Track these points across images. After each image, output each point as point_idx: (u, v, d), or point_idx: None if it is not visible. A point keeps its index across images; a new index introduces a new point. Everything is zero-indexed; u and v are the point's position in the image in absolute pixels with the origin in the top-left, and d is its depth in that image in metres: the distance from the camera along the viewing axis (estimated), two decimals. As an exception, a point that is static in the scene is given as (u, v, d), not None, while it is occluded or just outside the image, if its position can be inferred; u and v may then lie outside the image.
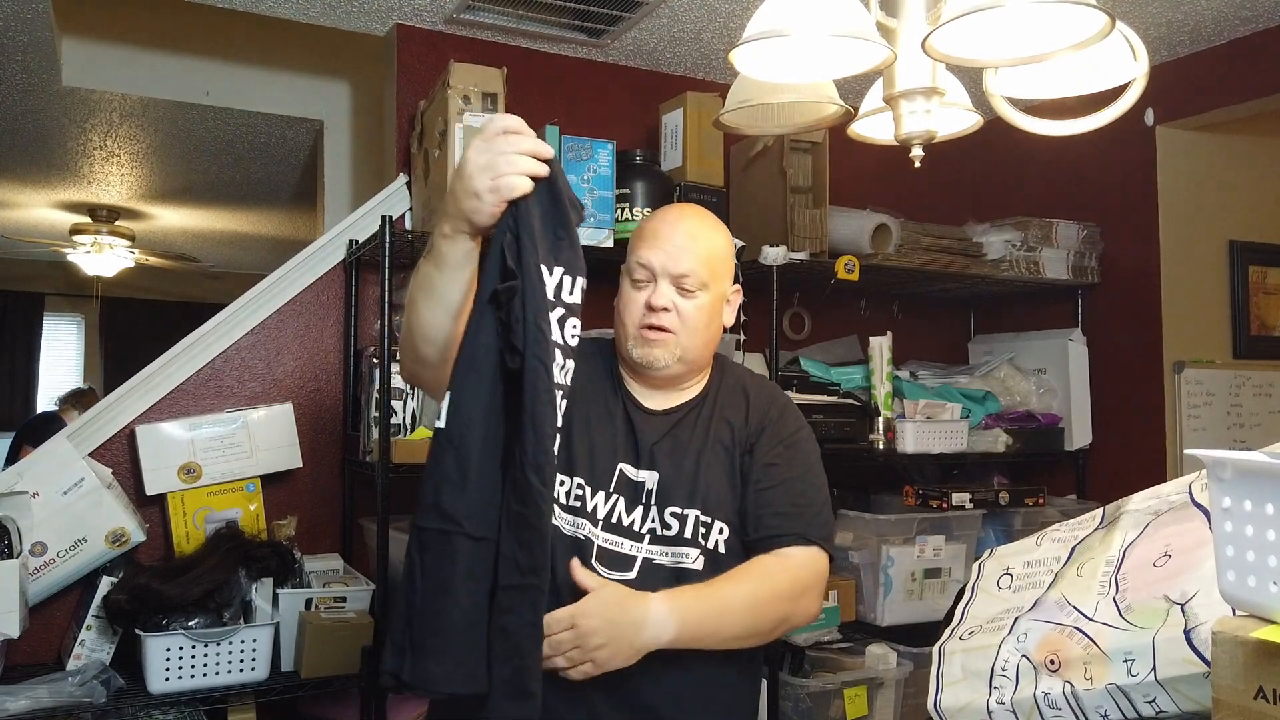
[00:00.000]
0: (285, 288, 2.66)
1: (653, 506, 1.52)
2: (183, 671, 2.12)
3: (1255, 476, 0.81)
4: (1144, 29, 2.70)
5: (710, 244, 1.56)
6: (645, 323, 1.52)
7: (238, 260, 7.17)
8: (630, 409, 1.58)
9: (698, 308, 1.53)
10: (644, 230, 1.58)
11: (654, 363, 1.53)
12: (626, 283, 1.56)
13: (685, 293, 1.52)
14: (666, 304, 1.51)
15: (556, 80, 2.93)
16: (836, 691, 2.60)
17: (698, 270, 1.53)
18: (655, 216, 1.60)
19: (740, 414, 1.60)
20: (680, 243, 1.53)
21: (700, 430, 1.57)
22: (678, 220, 1.56)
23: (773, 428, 1.60)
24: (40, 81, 3.29)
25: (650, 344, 1.52)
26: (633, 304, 1.54)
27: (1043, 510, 2.95)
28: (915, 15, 1.34)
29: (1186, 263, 3.01)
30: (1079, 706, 1.12)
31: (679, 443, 1.56)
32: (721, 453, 1.57)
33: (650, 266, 1.52)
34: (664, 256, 1.52)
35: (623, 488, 1.52)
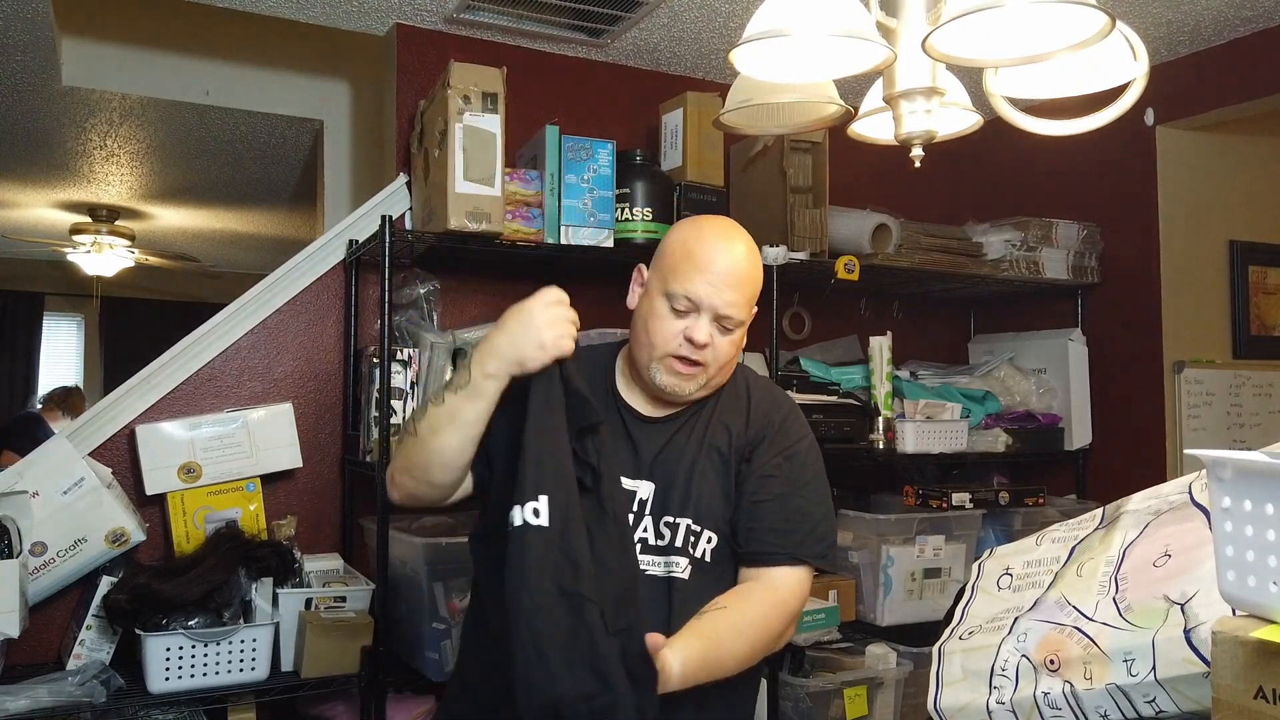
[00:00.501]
0: (285, 288, 2.66)
1: (646, 516, 1.51)
2: (183, 671, 2.12)
3: (1255, 476, 0.81)
4: (1144, 29, 2.70)
5: (755, 279, 1.54)
6: (680, 354, 1.49)
7: (238, 260, 7.17)
8: (628, 420, 1.56)
9: (732, 343, 1.52)
10: (694, 254, 1.49)
11: (680, 393, 1.52)
12: (663, 304, 1.50)
13: (725, 330, 1.51)
14: (708, 340, 1.49)
15: (556, 80, 2.93)
16: (836, 691, 2.60)
17: (742, 310, 1.51)
18: (706, 241, 1.51)
19: (740, 419, 1.57)
20: (732, 282, 1.49)
21: (696, 436, 1.55)
22: (728, 251, 1.50)
23: (774, 437, 1.57)
24: (40, 81, 3.29)
25: (681, 376, 1.51)
26: (668, 330, 1.49)
27: (1042, 510, 2.95)
28: (915, 15, 1.34)
29: (1186, 263, 3.01)
30: (1079, 706, 1.12)
31: (675, 450, 1.54)
32: (716, 459, 1.54)
33: (698, 301, 1.48)
34: (713, 293, 1.47)
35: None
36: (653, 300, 1.51)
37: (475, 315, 2.77)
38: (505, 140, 2.33)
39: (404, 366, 2.35)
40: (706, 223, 1.57)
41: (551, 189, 2.49)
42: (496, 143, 2.31)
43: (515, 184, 2.44)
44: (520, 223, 2.44)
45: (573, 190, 2.49)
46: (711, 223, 1.57)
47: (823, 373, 2.91)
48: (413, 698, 2.42)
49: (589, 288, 2.83)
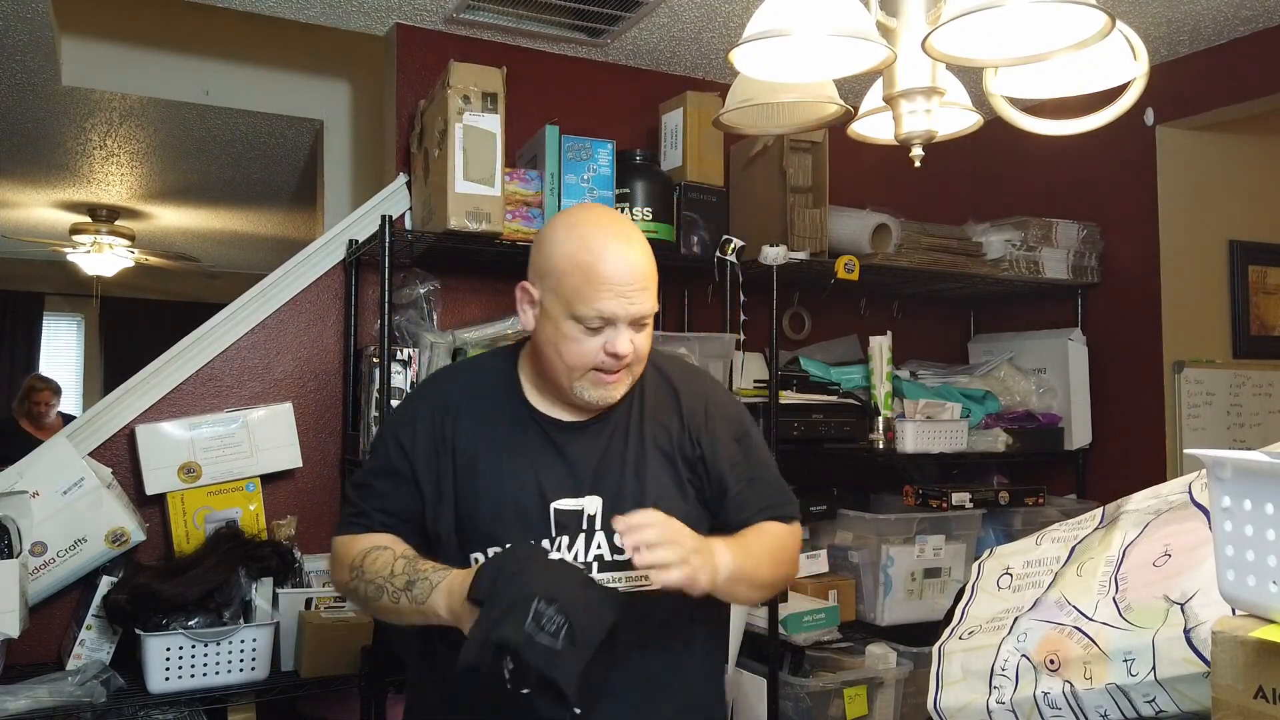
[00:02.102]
0: (285, 287, 2.66)
1: (598, 532, 1.46)
2: (182, 671, 2.12)
3: (1255, 476, 0.81)
4: (1144, 29, 2.70)
5: (654, 265, 1.46)
6: (604, 367, 1.43)
7: (238, 260, 7.16)
8: (552, 433, 1.49)
9: (648, 334, 1.47)
10: (594, 271, 1.39)
11: (609, 400, 1.47)
12: (573, 326, 1.41)
13: (640, 327, 1.44)
14: (630, 348, 1.42)
15: (556, 80, 2.92)
16: (836, 691, 2.60)
17: (653, 301, 1.45)
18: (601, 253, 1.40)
19: (674, 415, 1.54)
20: (640, 284, 1.41)
21: (635, 439, 1.51)
22: (626, 255, 1.41)
23: (717, 427, 1.55)
24: (40, 81, 3.29)
25: (608, 386, 1.45)
26: (585, 350, 1.41)
27: (1042, 510, 2.95)
28: (915, 15, 1.34)
29: (1186, 263, 3.01)
30: (1079, 706, 1.12)
31: (614, 459, 1.49)
32: (663, 460, 1.52)
33: (612, 317, 1.40)
34: (626, 305, 1.40)
35: (562, 526, 1.45)
36: (559, 323, 1.42)
37: (475, 315, 2.77)
38: (505, 140, 2.33)
39: (404, 366, 2.35)
40: (590, 226, 1.44)
41: (551, 189, 2.49)
42: (496, 143, 2.31)
43: (515, 184, 2.45)
44: (520, 222, 2.44)
45: (573, 190, 2.49)
46: (596, 226, 1.44)
47: (823, 372, 2.91)
48: (413, 698, 2.42)
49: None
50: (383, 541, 1.49)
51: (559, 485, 1.47)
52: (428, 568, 1.40)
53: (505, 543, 1.44)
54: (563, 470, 1.48)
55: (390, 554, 1.45)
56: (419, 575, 1.38)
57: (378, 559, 1.44)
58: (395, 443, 1.53)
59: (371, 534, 1.51)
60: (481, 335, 2.46)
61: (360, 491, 1.56)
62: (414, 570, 1.40)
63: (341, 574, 1.51)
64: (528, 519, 1.45)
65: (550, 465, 1.48)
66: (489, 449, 1.49)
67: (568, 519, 1.46)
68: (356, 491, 1.57)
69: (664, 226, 2.61)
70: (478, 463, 1.48)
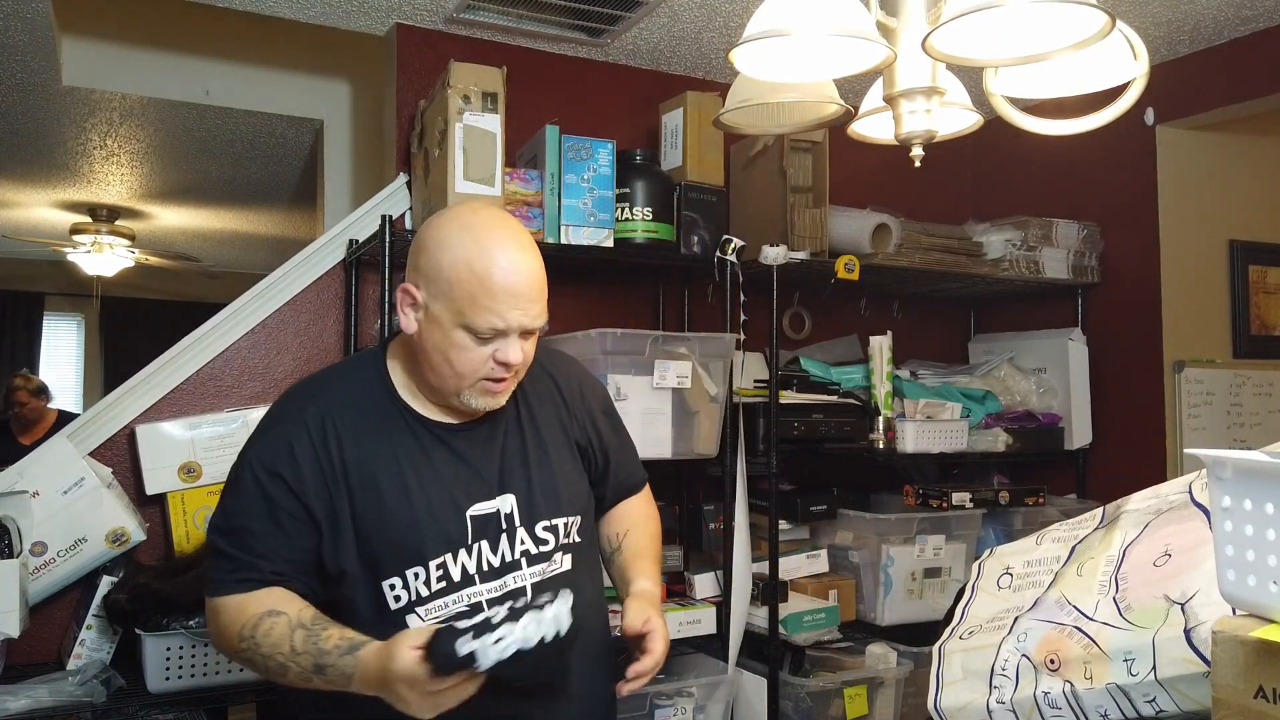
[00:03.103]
0: (285, 287, 2.66)
1: (518, 529, 1.45)
2: (183, 671, 2.12)
3: (1255, 476, 0.81)
4: (1144, 29, 2.70)
5: (544, 276, 1.42)
6: (494, 376, 1.40)
7: (238, 260, 7.17)
8: (449, 440, 1.45)
9: (535, 340, 1.46)
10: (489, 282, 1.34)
11: (494, 406, 1.45)
12: (463, 336, 1.36)
13: (530, 335, 1.43)
14: (520, 358, 1.40)
15: (556, 80, 2.92)
16: (836, 691, 2.60)
17: (545, 313, 1.43)
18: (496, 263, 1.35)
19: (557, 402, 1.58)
20: (533, 294, 1.38)
21: (530, 432, 1.52)
22: (519, 265, 1.37)
23: (584, 401, 1.62)
24: (40, 81, 3.29)
25: (496, 394, 1.43)
26: (476, 359, 1.38)
27: (1043, 510, 2.95)
28: (915, 15, 1.34)
29: (1186, 262, 3.01)
30: (1079, 706, 1.12)
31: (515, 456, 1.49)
32: (562, 447, 1.55)
33: (506, 328, 1.37)
34: (520, 316, 1.37)
35: (480, 530, 1.43)
36: (447, 332, 1.37)
37: (475, 315, 2.76)
38: (505, 140, 2.33)
39: (404, 366, 2.35)
40: (482, 231, 1.38)
41: (551, 189, 2.49)
42: (496, 142, 2.31)
43: (515, 184, 2.45)
44: (521, 222, 2.43)
45: (573, 190, 2.49)
46: (488, 231, 1.38)
47: (823, 372, 2.91)
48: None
49: (589, 287, 2.85)
50: (273, 602, 1.34)
51: (470, 491, 1.44)
52: (332, 647, 1.29)
53: (426, 562, 1.39)
54: (468, 474, 1.44)
55: (285, 622, 1.31)
56: (326, 660, 1.28)
57: (272, 630, 1.31)
58: (272, 476, 1.37)
59: (256, 593, 1.35)
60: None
61: (234, 540, 1.38)
62: (318, 649, 1.29)
63: (228, 642, 1.37)
64: (445, 532, 1.40)
65: (455, 472, 1.44)
66: (386, 465, 1.40)
67: (484, 523, 1.43)
68: (228, 540, 1.38)
69: (664, 226, 2.61)
70: (379, 482, 1.39)
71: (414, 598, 1.39)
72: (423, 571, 1.39)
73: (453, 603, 1.41)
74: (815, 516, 2.82)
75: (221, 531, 1.40)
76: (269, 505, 1.37)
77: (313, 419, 1.40)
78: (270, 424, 1.45)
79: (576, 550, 1.54)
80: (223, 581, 1.38)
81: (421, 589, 1.39)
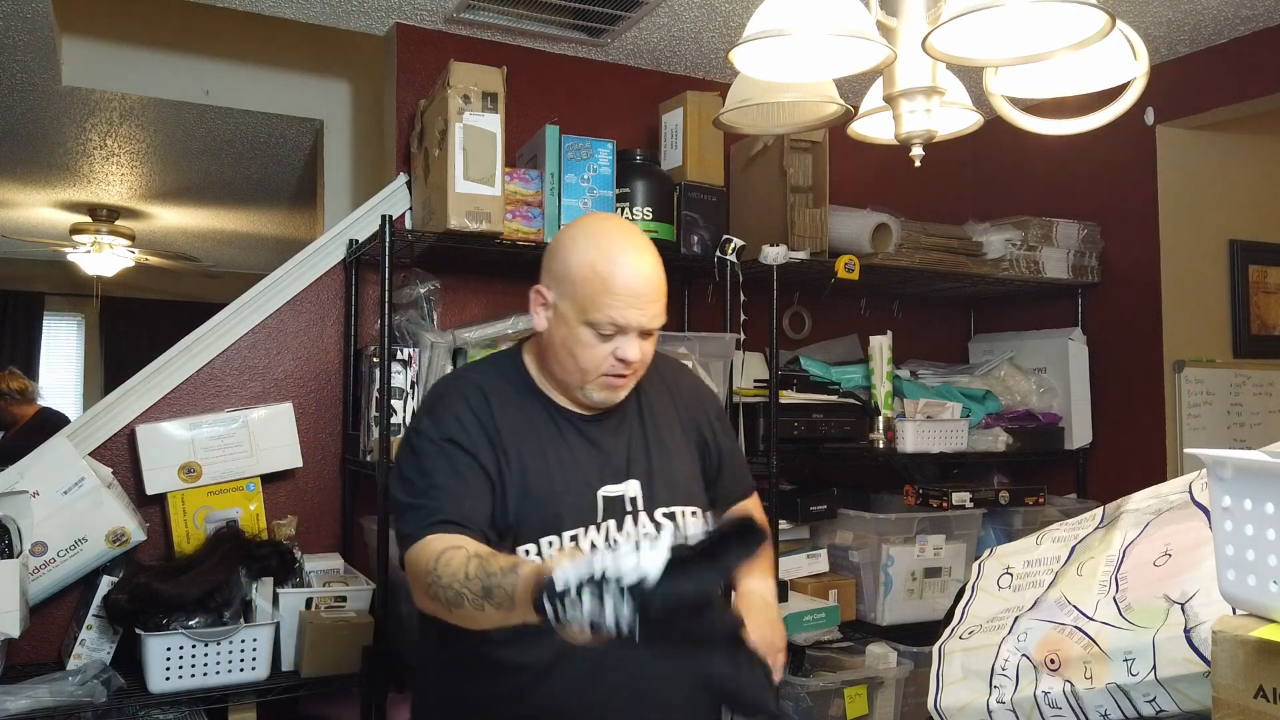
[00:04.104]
0: (285, 287, 2.66)
1: (640, 513, 1.55)
2: (183, 671, 2.12)
3: (1255, 475, 0.81)
4: (1144, 28, 2.70)
5: (664, 281, 1.53)
6: (614, 372, 1.51)
7: (238, 260, 7.17)
8: (582, 427, 1.57)
9: (654, 341, 1.56)
10: (610, 281, 1.46)
11: (614, 401, 1.57)
12: (587, 332, 1.48)
13: (649, 336, 1.53)
14: (639, 355, 1.51)
15: (556, 80, 2.92)
16: (837, 691, 2.60)
17: (663, 314, 1.53)
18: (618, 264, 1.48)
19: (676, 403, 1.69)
20: (652, 295, 1.49)
21: (651, 427, 1.62)
22: (640, 268, 1.49)
23: (704, 405, 1.74)
24: (40, 81, 3.29)
25: (615, 389, 1.54)
26: (597, 355, 1.49)
27: (1043, 509, 2.95)
28: (915, 14, 1.34)
29: (1186, 262, 3.01)
30: (1079, 706, 1.12)
31: (638, 445, 1.59)
32: (682, 440, 1.66)
33: (625, 325, 1.48)
34: (639, 315, 1.48)
35: (609, 510, 1.53)
36: (572, 328, 1.49)
37: (475, 315, 2.77)
38: (505, 140, 2.33)
39: (404, 366, 2.35)
40: (608, 237, 1.51)
41: (551, 189, 2.49)
42: (496, 142, 2.31)
43: (515, 184, 2.45)
44: (520, 222, 2.44)
45: (573, 190, 2.49)
46: (613, 237, 1.51)
47: (823, 372, 2.91)
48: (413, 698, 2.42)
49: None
50: (455, 540, 1.40)
51: (601, 473, 1.55)
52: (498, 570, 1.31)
53: (560, 533, 1.49)
54: (600, 458, 1.56)
55: (463, 553, 1.36)
56: (492, 581, 1.29)
57: (451, 560, 1.36)
58: (446, 441, 1.49)
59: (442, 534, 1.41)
60: (482, 335, 2.46)
61: (419, 495, 1.47)
62: (485, 572, 1.31)
63: (418, 584, 1.42)
64: (580, 508, 1.51)
65: (589, 455, 1.56)
66: (531, 441, 1.53)
67: (612, 504, 1.54)
68: (414, 497, 1.48)
69: (664, 226, 2.61)
70: (524, 456, 1.51)
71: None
72: (557, 541, 1.49)
73: None
74: (815, 516, 2.82)
75: (409, 494, 1.49)
76: (449, 461, 1.49)
77: (472, 394, 1.55)
78: (433, 403, 1.58)
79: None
80: (412, 532, 1.45)
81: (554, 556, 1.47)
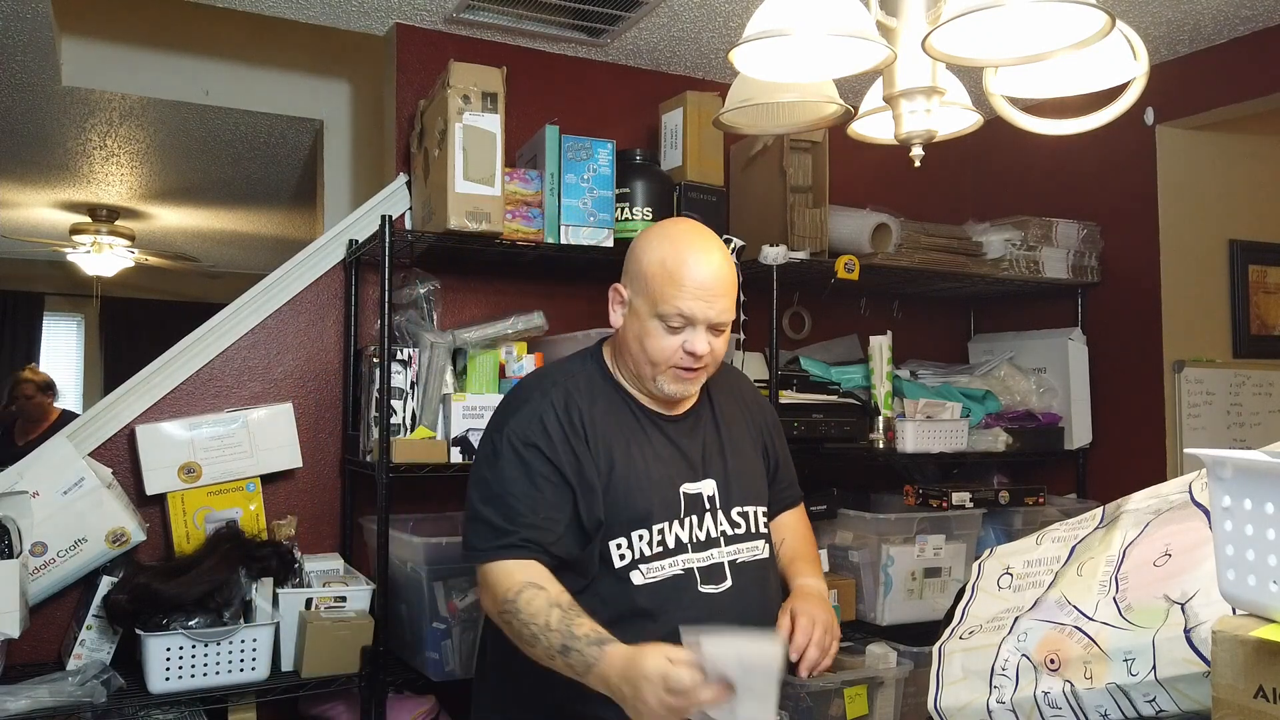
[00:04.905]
0: (285, 287, 2.66)
1: (718, 511, 1.64)
2: (183, 671, 2.12)
3: (1255, 475, 0.81)
4: (1144, 28, 2.70)
5: (735, 279, 1.62)
6: (683, 365, 1.58)
7: (238, 260, 7.16)
8: (663, 426, 1.66)
9: (724, 340, 1.62)
10: (677, 275, 1.55)
11: (686, 394, 1.65)
12: (656, 325, 1.57)
13: (717, 333, 1.59)
14: (707, 349, 1.58)
15: (556, 80, 2.92)
16: (836, 691, 2.60)
17: (731, 311, 1.60)
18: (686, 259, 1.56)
19: (738, 405, 1.78)
20: (719, 290, 1.57)
21: (725, 430, 1.71)
22: (708, 264, 1.56)
23: (764, 413, 1.84)
24: (40, 81, 3.29)
25: (686, 382, 1.61)
26: (667, 347, 1.57)
27: (1043, 509, 2.95)
28: (915, 15, 1.34)
29: (1186, 262, 3.01)
30: (1079, 706, 1.12)
31: (713, 446, 1.68)
32: (749, 445, 1.74)
33: (691, 318, 1.56)
34: (705, 308, 1.55)
35: (690, 506, 1.62)
36: (644, 321, 1.58)
37: (475, 315, 2.77)
38: (505, 140, 2.33)
39: (404, 366, 2.35)
40: (679, 236, 1.60)
41: (551, 189, 2.49)
42: (496, 142, 2.31)
43: (515, 184, 2.44)
44: (520, 222, 2.44)
45: (572, 190, 2.49)
46: (684, 236, 1.60)
47: (823, 372, 2.91)
48: (413, 698, 2.42)
49: (589, 287, 2.85)
50: (535, 576, 1.50)
51: (681, 471, 1.64)
52: (583, 635, 1.42)
53: (650, 526, 1.57)
54: (679, 457, 1.64)
55: (545, 597, 1.47)
56: (575, 644, 1.41)
57: (533, 600, 1.47)
58: (528, 447, 1.56)
59: (524, 563, 1.51)
60: (482, 335, 2.46)
61: (496, 507, 1.55)
62: (569, 632, 1.42)
63: (493, 604, 1.54)
64: (667, 502, 1.59)
65: (670, 453, 1.64)
66: (619, 439, 1.60)
67: (693, 501, 1.63)
68: (490, 508, 1.56)
69: (664, 226, 2.61)
70: (614, 452, 1.59)
71: (638, 556, 1.56)
72: (646, 534, 1.57)
73: (668, 565, 1.58)
74: (815, 516, 2.81)
75: (484, 500, 1.57)
76: (526, 470, 1.55)
77: (558, 397, 1.61)
78: (519, 404, 1.64)
79: (768, 540, 1.72)
80: (486, 549, 1.55)
81: (645, 549, 1.57)
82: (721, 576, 1.61)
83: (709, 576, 1.60)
